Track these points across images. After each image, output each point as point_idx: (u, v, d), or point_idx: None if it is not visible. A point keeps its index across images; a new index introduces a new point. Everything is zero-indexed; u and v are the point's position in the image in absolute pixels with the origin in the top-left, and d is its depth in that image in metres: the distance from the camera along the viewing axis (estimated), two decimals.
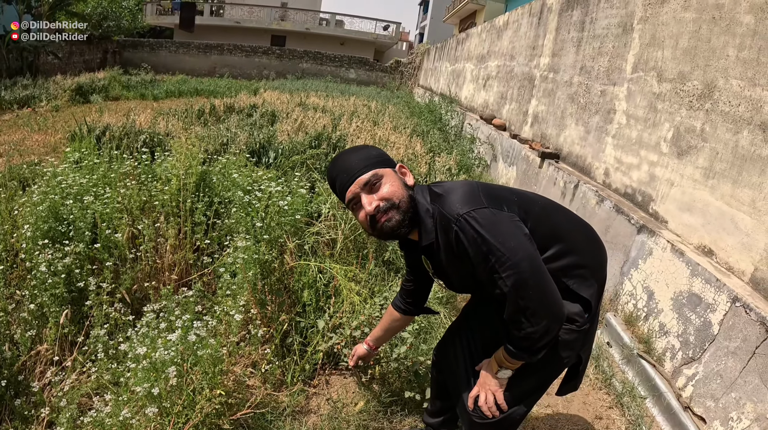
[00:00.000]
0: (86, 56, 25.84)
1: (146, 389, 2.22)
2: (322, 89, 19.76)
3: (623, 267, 4.28)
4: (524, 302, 1.60)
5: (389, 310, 2.39)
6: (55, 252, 3.16)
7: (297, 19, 36.51)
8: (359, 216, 1.77)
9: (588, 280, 1.81)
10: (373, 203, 1.71)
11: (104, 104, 15.15)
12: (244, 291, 3.00)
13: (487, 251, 1.58)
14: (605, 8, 5.98)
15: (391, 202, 1.71)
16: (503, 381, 1.85)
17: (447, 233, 1.67)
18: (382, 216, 1.72)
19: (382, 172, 1.75)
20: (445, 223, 1.66)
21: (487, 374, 1.87)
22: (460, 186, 1.74)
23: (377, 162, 1.76)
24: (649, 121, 4.64)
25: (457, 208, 1.64)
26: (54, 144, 8.55)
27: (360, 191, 1.73)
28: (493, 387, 1.86)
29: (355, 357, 2.55)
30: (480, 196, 1.68)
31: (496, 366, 1.84)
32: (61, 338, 2.90)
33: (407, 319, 2.38)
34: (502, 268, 1.58)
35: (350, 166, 1.75)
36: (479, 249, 1.60)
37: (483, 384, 1.89)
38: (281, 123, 8.91)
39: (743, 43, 3.52)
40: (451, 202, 1.67)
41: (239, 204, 3.80)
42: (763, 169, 3.22)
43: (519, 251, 1.58)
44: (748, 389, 2.73)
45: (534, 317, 1.61)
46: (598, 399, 3.35)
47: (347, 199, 1.76)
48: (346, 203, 1.79)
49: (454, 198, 1.68)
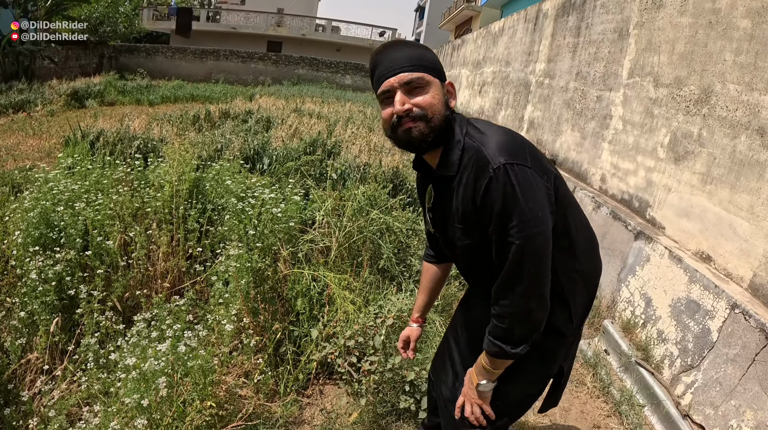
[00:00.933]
0: (82, 61, 25.81)
1: (136, 400, 2.19)
2: (317, 95, 19.81)
3: (620, 274, 4.24)
4: (520, 275, 1.50)
5: (424, 267, 2.22)
6: (46, 259, 3.13)
7: (293, 25, 36.58)
8: (385, 112, 1.62)
9: (579, 286, 1.75)
10: (405, 105, 1.57)
11: (99, 109, 15.10)
12: (237, 300, 2.96)
13: (513, 210, 1.46)
14: (601, 14, 5.97)
15: (424, 113, 1.57)
16: (486, 394, 1.76)
17: (478, 175, 1.52)
18: (408, 121, 1.58)
19: (429, 78, 1.59)
20: (482, 165, 1.51)
21: (469, 386, 1.79)
22: (505, 132, 1.61)
23: (429, 67, 1.60)
24: (646, 126, 4.62)
25: (500, 155, 1.50)
26: (48, 149, 8.52)
27: (398, 88, 1.58)
28: (477, 399, 1.78)
29: (412, 342, 2.25)
30: (526, 152, 1.55)
31: (476, 378, 1.75)
32: (52, 347, 2.85)
33: (445, 268, 2.18)
34: (520, 233, 1.47)
35: (398, 59, 1.59)
36: (506, 205, 1.47)
37: (467, 395, 1.81)
38: (276, 129, 8.91)
39: (740, 47, 3.50)
40: (494, 145, 1.53)
41: (232, 211, 3.76)
42: (761, 174, 3.19)
43: (541, 224, 1.49)
44: (748, 397, 2.70)
45: (522, 296, 1.52)
46: (596, 407, 3.31)
47: (381, 90, 1.61)
48: (379, 94, 1.63)
49: (498, 142, 1.54)
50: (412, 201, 5.51)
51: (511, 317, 1.56)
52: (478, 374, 1.74)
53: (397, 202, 4.60)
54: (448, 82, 1.66)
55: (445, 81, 1.65)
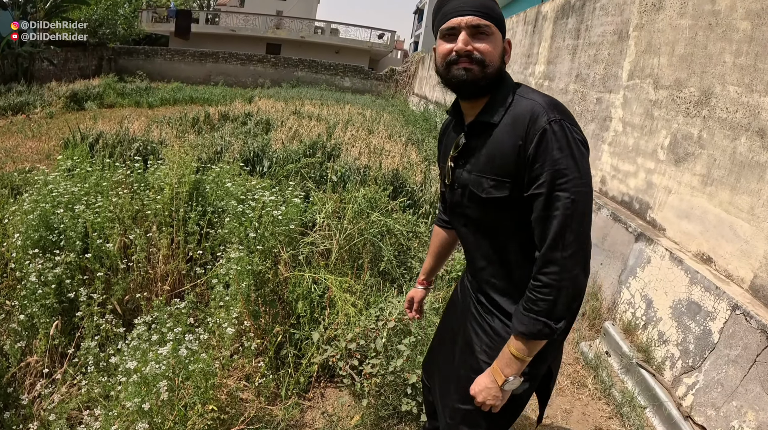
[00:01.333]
0: (81, 63, 25.81)
1: (137, 404, 2.18)
2: (317, 97, 19.81)
3: (621, 275, 4.24)
4: (570, 235, 1.45)
5: (435, 231, 2.20)
6: (45, 262, 3.12)
7: (292, 27, 36.54)
8: (445, 47, 1.61)
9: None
10: (468, 45, 1.56)
11: (99, 111, 15.11)
12: (237, 303, 2.95)
13: (567, 164, 1.45)
14: (600, 16, 5.97)
15: (482, 58, 1.57)
16: (507, 393, 1.64)
17: (530, 127, 1.50)
18: (466, 61, 1.57)
19: (494, 29, 1.59)
20: (535, 117, 1.50)
21: (490, 384, 1.63)
22: (552, 97, 1.60)
23: (496, 19, 1.60)
24: (646, 128, 4.62)
25: (553, 111, 1.49)
26: (48, 151, 8.52)
27: (464, 28, 1.57)
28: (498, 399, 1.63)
29: (417, 304, 2.25)
30: (573, 117, 1.56)
31: (501, 375, 1.59)
32: (52, 350, 2.85)
33: (454, 234, 2.12)
34: (573, 187, 1.45)
35: (470, 2, 1.59)
36: (560, 158, 1.45)
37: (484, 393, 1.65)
38: (276, 131, 8.91)
39: (740, 49, 3.50)
40: (547, 103, 1.53)
41: (233, 214, 3.76)
42: (762, 175, 3.19)
43: (590, 183, 1.48)
44: (750, 398, 2.69)
45: (571, 259, 1.46)
46: (597, 410, 3.31)
47: (447, 26, 1.60)
48: (442, 29, 1.62)
49: (550, 101, 1.54)
50: (412, 203, 5.51)
51: (558, 285, 1.47)
52: (504, 368, 1.59)
53: (397, 205, 4.60)
54: (507, 40, 1.65)
55: (505, 37, 1.65)
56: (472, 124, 1.66)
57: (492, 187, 1.59)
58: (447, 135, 1.89)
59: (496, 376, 1.61)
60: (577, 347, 3.99)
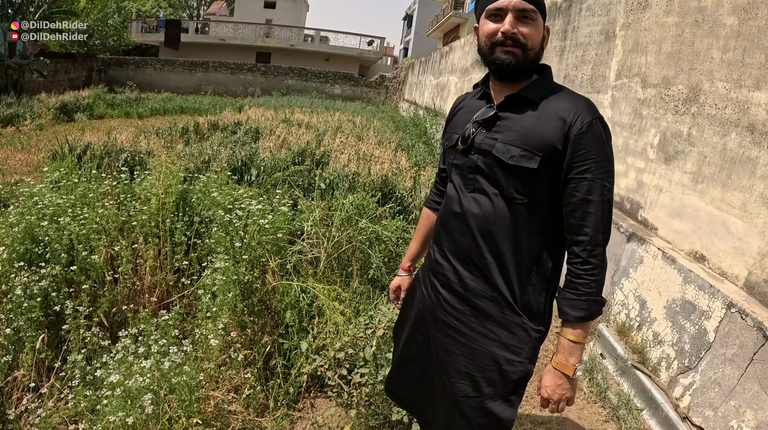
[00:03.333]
0: (71, 74, 25.78)
1: (121, 418, 2.13)
2: (307, 105, 19.77)
3: (614, 276, 4.21)
4: (606, 220, 1.59)
5: (424, 214, 2.18)
6: (31, 275, 3.10)
7: (282, 35, 36.58)
8: (489, 27, 1.65)
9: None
10: (515, 28, 1.61)
11: (88, 123, 15.07)
12: (224, 313, 2.90)
13: (606, 157, 1.59)
14: (587, 16, 5.97)
15: (526, 42, 1.62)
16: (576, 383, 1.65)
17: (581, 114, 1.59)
18: (510, 44, 1.62)
19: (538, 16, 1.64)
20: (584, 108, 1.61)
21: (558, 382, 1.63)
22: None
23: (541, 5, 1.66)
24: (635, 127, 4.60)
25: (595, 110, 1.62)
26: (37, 163, 8.49)
27: (511, 11, 1.61)
28: (571, 392, 1.64)
29: (403, 292, 2.19)
30: None
31: (570, 366, 1.60)
32: (38, 364, 2.82)
33: None
34: (608, 177, 1.59)
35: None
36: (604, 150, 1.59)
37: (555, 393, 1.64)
38: (265, 140, 8.86)
39: (727, 44, 3.49)
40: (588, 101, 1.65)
41: (219, 223, 3.71)
42: (753, 171, 3.17)
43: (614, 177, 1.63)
44: (748, 397, 2.66)
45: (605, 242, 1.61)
46: (593, 413, 3.27)
47: (495, 6, 1.63)
48: (489, 8, 1.65)
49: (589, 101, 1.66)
50: (402, 209, 5.47)
51: (602, 265, 1.60)
52: (569, 358, 1.61)
53: (386, 211, 4.55)
54: (546, 27, 1.69)
55: (545, 20, 1.69)
56: (512, 96, 1.69)
57: (521, 157, 1.61)
58: (464, 105, 1.91)
59: (564, 370, 1.62)
60: None
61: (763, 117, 3.13)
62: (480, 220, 1.70)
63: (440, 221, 1.87)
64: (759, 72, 3.20)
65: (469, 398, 1.71)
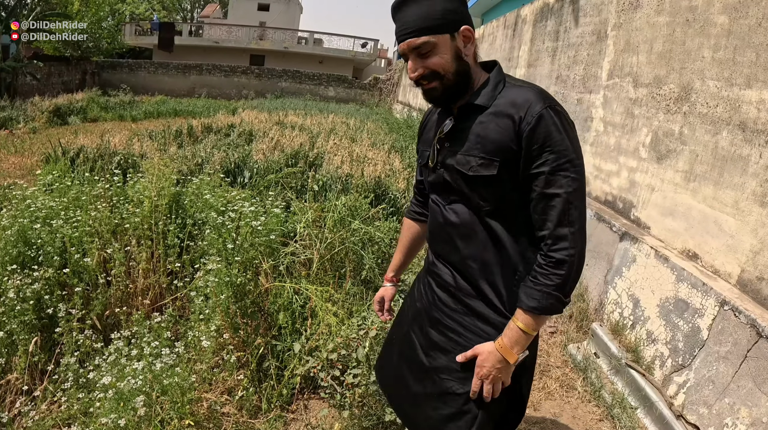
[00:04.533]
0: (65, 77, 25.70)
1: (113, 420, 2.13)
2: (300, 108, 19.72)
3: (607, 275, 4.21)
4: (576, 214, 1.53)
5: (405, 224, 2.16)
6: (24, 278, 3.09)
7: (275, 38, 36.56)
8: (409, 68, 1.67)
9: None
10: (417, 71, 1.62)
11: (82, 126, 15.01)
12: (217, 315, 2.89)
13: (564, 145, 1.52)
14: (579, 17, 5.97)
15: (435, 73, 1.61)
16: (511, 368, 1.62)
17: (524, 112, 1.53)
18: (425, 83, 1.63)
19: (435, 40, 1.59)
20: (531, 99, 1.55)
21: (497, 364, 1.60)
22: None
23: (435, 26, 1.59)
24: (627, 127, 4.61)
25: (545, 99, 1.55)
26: (30, 167, 8.45)
27: (408, 52, 1.62)
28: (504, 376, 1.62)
29: (387, 302, 2.17)
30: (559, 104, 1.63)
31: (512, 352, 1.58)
32: (31, 367, 2.82)
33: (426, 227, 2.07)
34: (571, 167, 1.52)
35: (407, 21, 1.61)
36: (558, 140, 1.51)
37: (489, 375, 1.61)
38: (258, 142, 8.84)
39: (718, 43, 3.50)
40: (538, 90, 1.59)
41: (212, 225, 3.70)
42: (745, 168, 3.17)
43: (582, 162, 1.56)
44: (742, 394, 2.66)
45: (578, 234, 1.53)
46: (587, 412, 3.27)
47: (400, 51, 1.65)
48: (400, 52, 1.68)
49: (540, 89, 1.60)
50: (395, 211, 5.46)
51: (570, 260, 1.52)
52: (514, 345, 1.58)
53: (379, 212, 4.55)
54: (463, 29, 1.62)
55: (458, 29, 1.62)
56: (463, 106, 1.68)
57: (480, 166, 1.61)
58: (430, 120, 1.90)
59: (505, 354, 1.59)
60: (566, 350, 3.95)
61: (755, 115, 3.14)
62: (460, 229, 1.71)
63: (429, 230, 1.89)
64: (750, 70, 3.21)
65: (458, 395, 1.71)
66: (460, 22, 1.62)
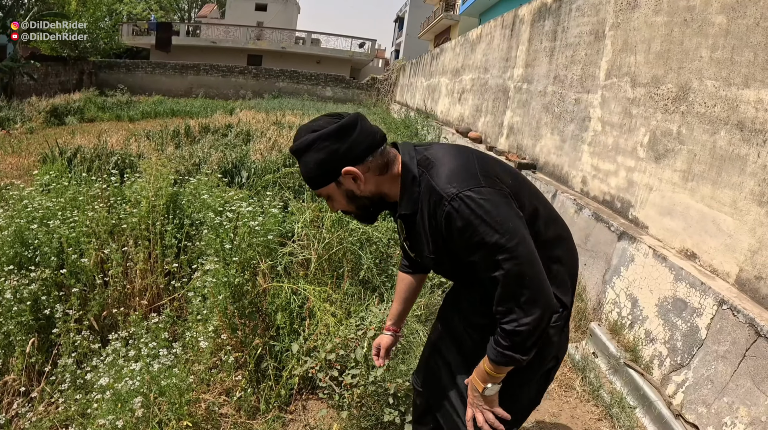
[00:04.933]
0: (62, 77, 25.66)
1: (110, 421, 2.12)
2: (298, 108, 19.72)
3: (605, 275, 4.21)
4: (520, 289, 1.49)
5: (399, 277, 2.20)
6: (21, 278, 3.08)
7: (273, 38, 36.56)
8: None
9: (564, 279, 1.73)
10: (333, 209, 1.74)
11: (79, 126, 14.98)
12: (214, 316, 2.88)
13: (484, 234, 1.47)
14: (576, 17, 5.98)
15: (344, 209, 1.72)
16: (493, 397, 1.71)
17: (436, 209, 1.54)
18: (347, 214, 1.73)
19: (326, 191, 1.67)
20: (436, 199, 1.54)
21: (474, 394, 1.73)
22: (455, 157, 1.63)
23: (320, 181, 1.65)
24: (625, 126, 4.61)
25: (451, 185, 1.52)
26: (27, 167, 8.41)
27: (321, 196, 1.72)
28: (485, 405, 1.71)
29: (384, 350, 2.21)
30: (477, 172, 1.56)
31: (480, 384, 1.69)
32: (29, 368, 2.81)
33: (420, 278, 2.17)
34: (500, 252, 1.47)
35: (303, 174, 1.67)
36: (475, 232, 1.48)
37: (474, 405, 1.74)
38: (256, 142, 8.83)
39: (716, 43, 3.50)
40: (444, 176, 1.55)
41: (210, 226, 3.69)
42: (743, 168, 3.18)
43: (517, 235, 1.49)
44: (741, 393, 2.66)
45: (528, 305, 1.50)
46: (586, 412, 3.26)
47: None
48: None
49: (448, 173, 1.56)
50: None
51: (520, 330, 1.52)
52: (481, 380, 1.68)
53: None
54: (344, 172, 1.61)
55: (339, 174, 1.62)
56: (399, 216, 1.74)
57: (437, 264, 1.76)
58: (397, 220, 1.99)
59: (476, 385, 1.71)
60: None
61: (753, 114, 3.14)
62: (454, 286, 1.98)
63: None
64: (748, 70, 3.21)
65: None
66: (338, 167, 1.61)
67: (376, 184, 1.67)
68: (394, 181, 1.67)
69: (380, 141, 1.65)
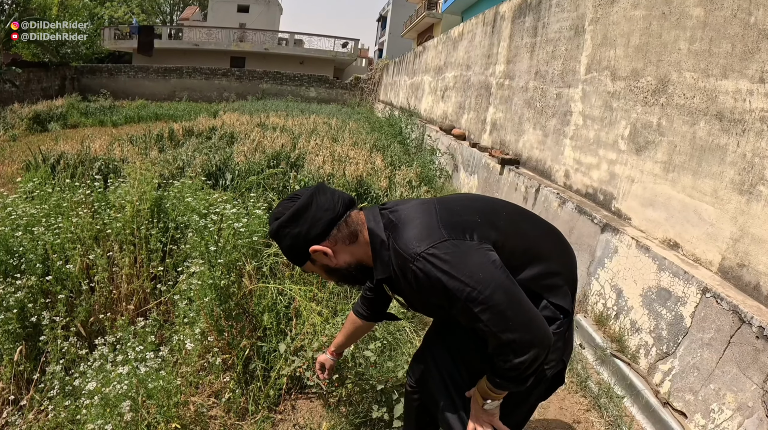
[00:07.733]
0: (44, 84, 25.43)
1: (99, 426, 2.12)
2: (282, 109, 19.61)
3: (590, 267, 4.24)
4: (507, 335, 1.48)
5: (350, 316, 2.26)
6: (6, 286, 3.05)
7: (256, 39, 36.41)
8: None
9: (562, 287, 1.72)
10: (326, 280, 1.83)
11: (62, 132, 14.86)
12: (201, 318, 2.88)
13: (454, 289, 1.47)
14: (557, 12, 6.01)
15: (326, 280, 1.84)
16: (494, 411, 1.72)
17: (404, 272, 1.55)
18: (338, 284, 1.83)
19: (309, 269, 1.75)
20: (401, 262, 1.55)
21: (475, 406, 1.75)
22: (417, 214, 1.63)
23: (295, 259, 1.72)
24: (606, 120, 4.65)
25: (413, 245, 1.52)
26: (11, 174, 8.31)
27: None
28: (487, 418, 1.73)
29: (328, 372, 2.40)
30: (439, 226, 1.55)
31: (481, 399, 1.71)
32: (17, 376, 2.79)
33: (369, 325, 2.24)
34: (475, 304, 1.47)
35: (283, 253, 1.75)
36: (444, 289, 1.48)
37: (476, 418, 1.75)
38: (240, 144, 8.80)
39: (694, 35, 3.54)
40: (407, 237, 1.55)
41: (194, 228, 3.68)
42: (723, 158, 3.22)
43: (490, 283, 1.47)
44: (727, 379, 2.70)
45: (521, 347, 1.50)
46: (574, 403, 3.29)
47: None
48: None
49: (410, 233, 1.56)
50: None
51: (516, 365, 1.53)
52: (481, 395, 1.71)
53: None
54: (311, 250, 1.65)
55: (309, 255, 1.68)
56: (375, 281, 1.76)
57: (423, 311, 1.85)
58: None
59: (476, 399, 1.75)
60: None
61: (731, 105, 3.18)
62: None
63: None
64: (726, 61, 3.25)
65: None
66: (305, 248, 1.65)
67: (350, 253, 1.69)
68: (367, 247, 1.68)
69: (342, 211, 1.65)
